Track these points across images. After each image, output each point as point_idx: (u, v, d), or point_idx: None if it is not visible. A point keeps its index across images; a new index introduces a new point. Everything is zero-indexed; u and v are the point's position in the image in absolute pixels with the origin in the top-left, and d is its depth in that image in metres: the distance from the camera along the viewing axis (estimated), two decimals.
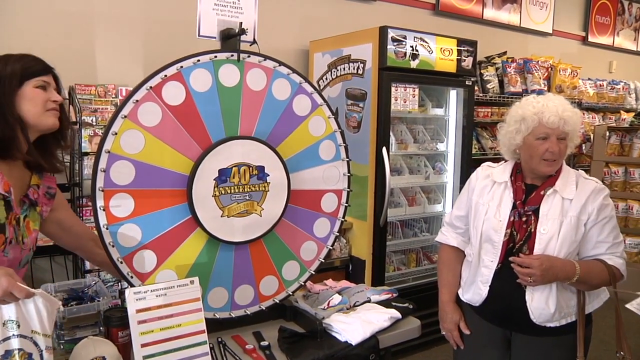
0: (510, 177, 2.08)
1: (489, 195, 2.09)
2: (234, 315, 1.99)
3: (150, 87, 1.78)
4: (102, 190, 1.71)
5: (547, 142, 1.94)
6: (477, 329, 2.16)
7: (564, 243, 1.93)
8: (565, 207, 1.95)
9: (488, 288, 2.04)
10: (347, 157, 2.21)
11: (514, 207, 2.01)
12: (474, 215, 2.13)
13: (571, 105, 1.98)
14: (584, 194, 1.95)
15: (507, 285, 1.98)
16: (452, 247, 2.27)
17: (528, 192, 2.03)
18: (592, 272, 1.92)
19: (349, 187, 2.23)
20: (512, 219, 2.00)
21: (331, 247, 2.22)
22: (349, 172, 2.22)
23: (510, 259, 1.93)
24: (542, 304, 1.94)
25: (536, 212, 1.98)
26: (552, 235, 1.93)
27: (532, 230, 1.96)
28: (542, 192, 1.99)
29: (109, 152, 1.72)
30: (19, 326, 1.32)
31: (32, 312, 1.34)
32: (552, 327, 1.97)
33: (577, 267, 1.89)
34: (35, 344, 1.34)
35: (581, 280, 1.89)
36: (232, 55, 1.93)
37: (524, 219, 1.98)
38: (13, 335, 1.31)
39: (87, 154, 2.85)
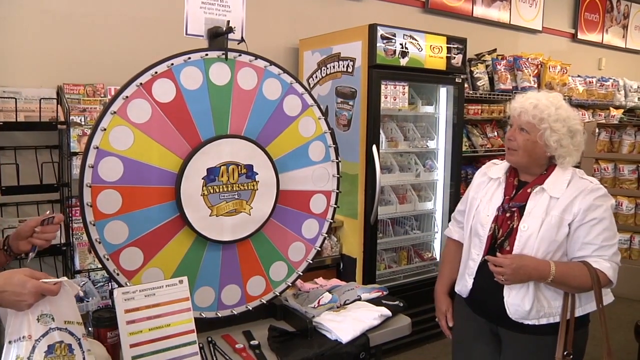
0: (506, 173, 2.09)
1: (484, 191, 2.12)
2: (220, 315, 1.98)
3: (141, 84, 1.77)
4: (90, 186, 1.70)
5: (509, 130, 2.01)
6: (468, 321, 2.17)
7: (543, 241, 1.91)
8: (550, 205, 1.93)
9: (473, 280, 2.07)
10: (337, 158, 2.21)
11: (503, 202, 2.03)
12: (468, 209, 2.16)
13: (551, 101, 1.94)
14: (573, 194, 1.91)
15: (488, 280, 1.97)
16: (454, 240, 2.32)
17: (520, 188, 2.03)
18: (570, 274, 1.88)
19: (338, 189, 2.22)
20: (497, 214, 2.02)
21: (319, 249, 2.22)
22: (338, 173, 2.22)
23: (486, 257, 1.94)
24: (518, 301, 1.94)
25: (522, 209, 1.97)
26: (532, 232, 1.92)
27: (515, 226, 1.96)
28: (529, 190, 1.98)
29: (97, 148, 1.71)
30: (53, 319, 1.30)
31: (62, 302, 1.33)
32: (532, 325, 1.95)
33: (552, 268, 1.85)
34: (71, 333, 1.33)
35: (557, 281, 1.87)
36: (223, 54, 1.92)
37: (508, 214, 1.99)
38: (50, 329, 1.29)
39: (75, 153, 2.82)
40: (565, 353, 1.89)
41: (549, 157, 1.98)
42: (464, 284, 2.12)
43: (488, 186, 2.12)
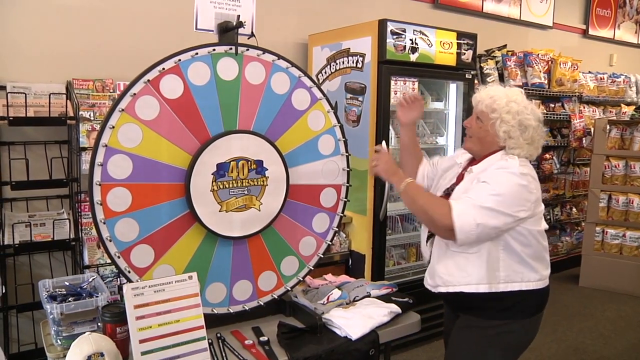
0: (467, 161, 2.14)
1: (447, 173, 2.20)
2: (232, 311, 1.98)
3: (148, 81, 1.77)
4: (100, 185, 1.71)
5: None
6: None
7: None
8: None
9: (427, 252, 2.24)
10: (347, 151, 2.20)
11: None
12: (435, 179, 2.27)
13: (507, 94, 1.96)
14: (485, 167, 1.95)
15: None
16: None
17: None
18: (423, 192, 1.99)
19: (348, 182, 2.22)
20: (443, 195, 2.11)
21: (330, 243, 2.21)
22: (348, 166, 2.21)
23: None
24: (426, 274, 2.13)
25: None
26: None
27: None
28: (463, 172, 2.06)
29: (106, 145, 1.71)
30: None
31: None
32: (445, 292, 2.05)
33: (409, 179, 1.98)
34: None
35: (408, 191, 1.95)
36: (231, 49, 1.92)
37: (449, 193, 2.08)
38: None
39: (85, 149, 2.83)
40: None
41: (501, 148, 1.97)
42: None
43: (452, 169, 2.18)
